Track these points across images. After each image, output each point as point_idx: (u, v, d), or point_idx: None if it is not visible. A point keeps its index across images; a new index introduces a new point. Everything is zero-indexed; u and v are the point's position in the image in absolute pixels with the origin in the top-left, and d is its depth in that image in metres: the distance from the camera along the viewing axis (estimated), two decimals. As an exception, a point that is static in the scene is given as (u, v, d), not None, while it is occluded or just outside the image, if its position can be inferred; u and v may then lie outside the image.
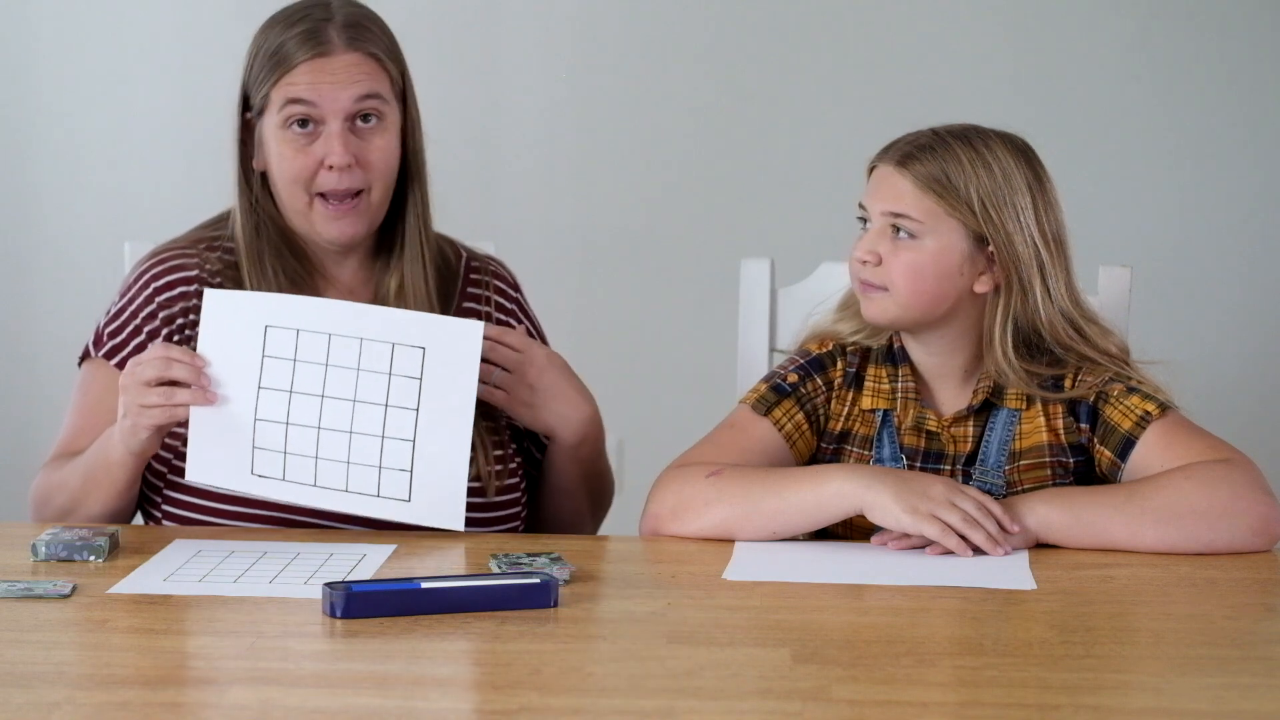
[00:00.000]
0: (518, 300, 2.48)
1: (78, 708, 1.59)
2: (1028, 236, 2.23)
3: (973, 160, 2.23)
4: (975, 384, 2.28)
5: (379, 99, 2.30)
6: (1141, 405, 2.23)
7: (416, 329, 2.18)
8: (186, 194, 3.77)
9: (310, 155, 2.28)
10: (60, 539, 2.06)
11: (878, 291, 2.24)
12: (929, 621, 1.88)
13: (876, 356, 2.32)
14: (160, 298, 2.35)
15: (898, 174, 2.24)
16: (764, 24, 3.81)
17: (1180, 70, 3.79)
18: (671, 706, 1.60)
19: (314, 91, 2.27)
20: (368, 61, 2.30)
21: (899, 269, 2.22)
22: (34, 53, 3.85)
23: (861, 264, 2.24)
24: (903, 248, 2.23)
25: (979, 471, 2.26)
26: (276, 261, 2.33)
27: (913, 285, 2.23)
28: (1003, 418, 2.27)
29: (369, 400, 2.17)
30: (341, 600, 1.83)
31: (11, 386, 3.87)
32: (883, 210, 2.24)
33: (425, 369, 2.17)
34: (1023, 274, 2.23)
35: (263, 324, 2.17)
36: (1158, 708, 1.63)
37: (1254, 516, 2.13)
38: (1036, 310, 2.24)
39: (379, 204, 2.32)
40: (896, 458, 2.28)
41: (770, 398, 2.30)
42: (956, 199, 2.22)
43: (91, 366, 2.36)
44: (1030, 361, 2.25)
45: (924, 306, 2.24)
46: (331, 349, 2.18)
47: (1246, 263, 3.82)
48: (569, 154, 3.85)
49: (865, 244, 2.24)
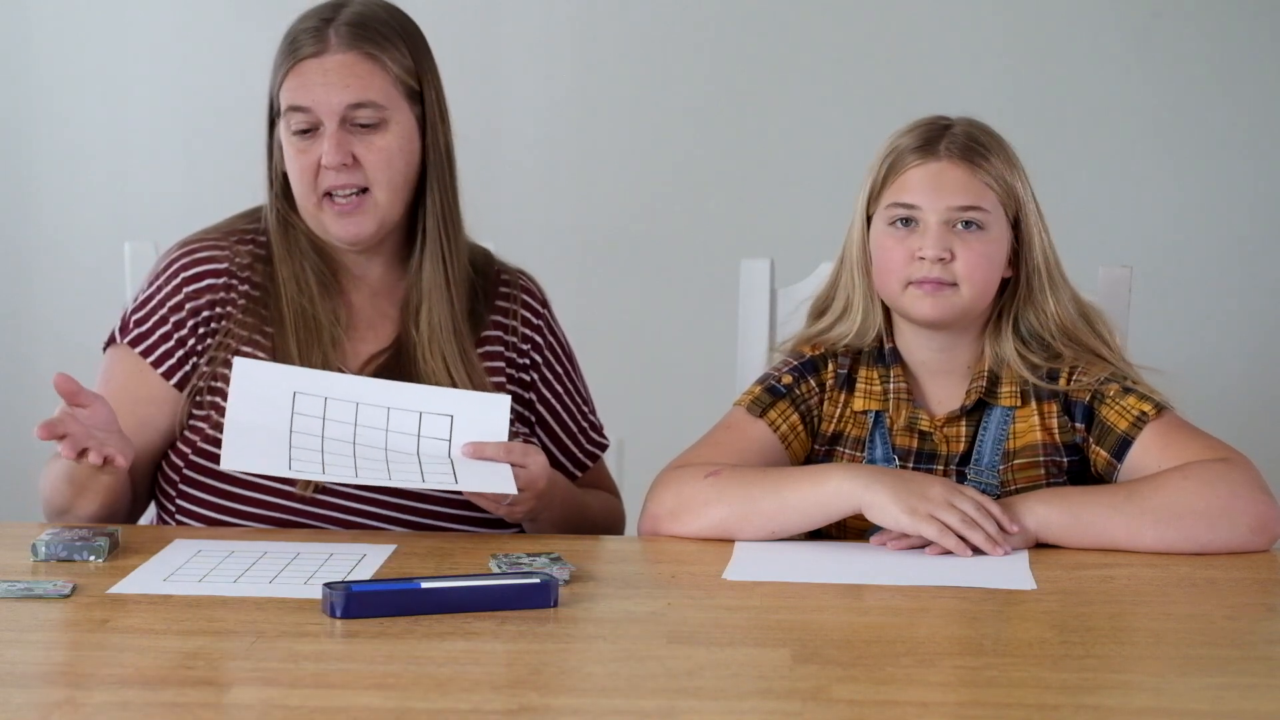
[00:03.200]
0: (545, 317, 2.46)
1: (78, 708, 1.58)
2: (1037, 220, 2.27)
3: (998, 149, 2.25)
4: (969, 383, 2.28)
5: (371, 106, 2.27)
6: (1138, 405, 2.23)
7: (444, 402, 2.21)
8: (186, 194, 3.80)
9: (311, 155, 2.28)
10: (60, 539, 2.06)
11: (947, 289, 2.22)
12: (929, 621, 1.88)
13: (867, 358, 2.31)
14: (188, 289, 2.35)
15: (960, 167, 2.23)
16: (764, 24, 3.82)
17: (1180, 70, 3.80)
18: (671, 706, 1.60)
19: (308, 95, 2.27)
20: (363, 62, 2.28)
21: (975, 262, 2.22)
22: (34, 53, 3.85)
23: (935, 262, 2.21)
24: (973, 240, 2.22)
25: (973, 471, 2.26)
26: (305, 260, 2.34)
27: (984, 277, 2.23)
28: (996, 416, 2.27)
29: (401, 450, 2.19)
30: (341, 600, 1.83)
31: (11, 386, 3.87)
32: (951, 205, 2.22)
33: (454, 434, 2.19)
34: (1037, 261, 2.26)
35: (291, 390, 2.20)
36: (1157, 708, 1.63)
37: (1253, 516, 2.13)
38: (1054, 296, 2.26)
39: (386, 204, 2.30)
40: (889, 459, 2.28)
41: (765, 399, 2.30)
42: (1005, 190, 2.24)
43: (116, 353, 2.36)
44: (1026, 350, 2.26)
45: (985, 297, 2.25)
46: (360, 414, 2.20)
47: (1246, 263, 3.83)
48: (569, 154, 3.85)
49: (936, 240, 2.21)
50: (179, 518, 2.31)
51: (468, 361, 2.33)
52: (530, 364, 2.42)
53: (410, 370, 2.31)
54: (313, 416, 2.20)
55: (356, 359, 2.34)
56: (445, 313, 2.33)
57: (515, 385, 2.40)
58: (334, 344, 2.32)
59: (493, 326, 2.40)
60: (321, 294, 2.33)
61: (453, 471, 2.17)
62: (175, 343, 2.32)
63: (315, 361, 2.29)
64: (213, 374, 2.31)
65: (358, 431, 2.20)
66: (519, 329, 2.42)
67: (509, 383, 2.39)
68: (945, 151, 2.23)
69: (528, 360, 2.42)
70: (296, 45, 2.29)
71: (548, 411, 2.43)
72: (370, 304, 2.37)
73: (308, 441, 2.17)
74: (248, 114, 2.53)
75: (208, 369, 2.31)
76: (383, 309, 2.37)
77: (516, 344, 2.41)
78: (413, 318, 2.33)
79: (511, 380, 2.40)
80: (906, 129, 2.28)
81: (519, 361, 2.41)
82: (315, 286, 2.33)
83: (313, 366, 2.28)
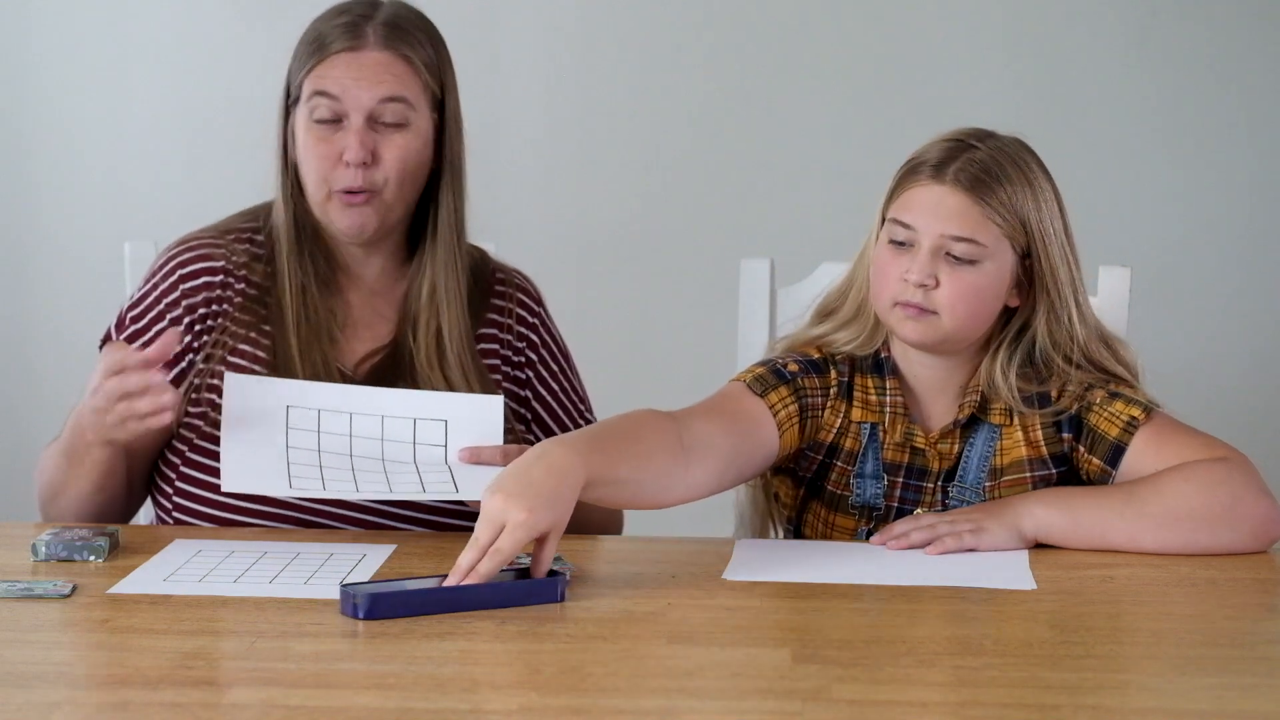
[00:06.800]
0: (541, 315, 2.46)
1: (78, 708, 1.58)
2: (1064, 251, 2.21)
3: (1020, 179, 2.18)
4: (962, 398, 2.25)
5: (403, 103, 2.28)
6: (1126, 411, 2.21)
7: (437, 406, 2.21)
8: (186, 194, 3.80)
9: (331, 145, 2.28)
10: (60, 539, 2.06)
11: (929, 315, 2.18)
12: (929, 621, 1.88)
13: (863, 365, 2.27)
14: (184, 285, 2.35)
15: (962, 197, 2.17)
16: (764, 24, 3.82)
17: (1180, 70, 3.80)
18: (671, 706, 1.60)
19: (339, 86, 2.27)
20: (399, 63, 2.29)
21: (957, 293, 2.16)
22: (34, 53, 3.85)
23: (918, 287, 2.17)
24: (961, 271, 2.16)
25: (956, 490, 2.24)
26: (309, 256, 2.34)
27: (969, 309, 2.17)
28: (984, 433, 2.24)
29: (398, 459, 2.19)
30: (365, 601, 1.83)
31: (11, 386, 3.87)
32: (944, 234, 2.16)
33: (449, 439, 2.19)
34: (1062, 290, 2.21)
35: (284, 404, 2.20)
36: (1157, 708, 1.63)
37: (1254, 520, 2.12)
38: (1072, 326, 2.21)
39: (392, 202, 2.31)
40: (878, 475, 2.26)
41: (769, 379, 2.24)
42: (1015, 222, 2.18)
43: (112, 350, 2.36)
44: (1021, 379, 2.23)
45: (973, 328, 2.20)
46: (354, 424, 2.21)
47: (1246, 263, 3.83)
48: (569, 154, 3.85)
49: (922, 267, 2.16)
50: (176, 515, 2.31)
51: (476, 365, 2.34)
52: (525, 362, 2.42)
53: (405, 374, 2.32)
54: (307, 430, 2.20)
55: (352, 357, 2.34)
56: (453, 320, 2.33)
57: (511, 384, 2.40)
58: (332, 342, 2.32)
59: (488, 325, 2.41)
60: (322, 292, 2.34)
61: (452, 479, 2.17)
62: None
63: (315, 358, 2.29)
64: (209, 371, 2.31)
65: (354, 443, 2.20)
66: (514, 327, 2.42)
67: (504, 380, 2.39)
68: (952, 178, 2.16)
69: (523, 359, 2.42)
70: (328, 39, 2.29)
71: (543, 410, 2.43)
72: (367, 304, 2.38)
73: (305, 457, 2.18)
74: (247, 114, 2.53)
75: (204, 366, 2.31)
76: (379, 309, 2.38)
77: (512, 342, 2.42)
78: (411, 325, 2.33)
79: (507, 378, 2.40)
80: (938, 139, 2.21)
81: (514, 360, 2.41)
82: (316, 284, 2.34)
83: (313, 363, 2.28)
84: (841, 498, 2.26)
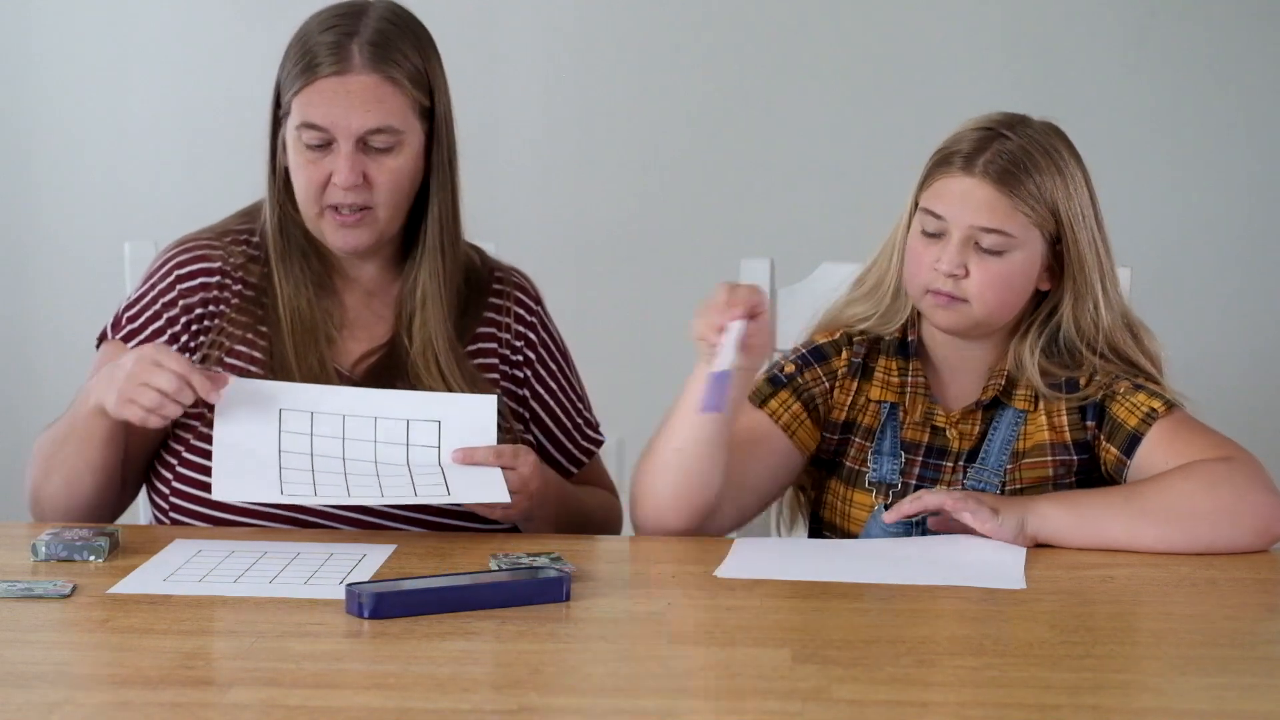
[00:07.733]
0: (539, 314, 2.46)
1: (78, 708, 1.58)
2: (1093, 238, 2.24)
3: (1050, 167, 2.21)
4: (987, 380, 2.28)
5: (389, 132, 2.26)
6: (1148, 402, 2.23)
7: (430, 406, 2.21)
8: (186, 194, 3.79)
9: (321, 168, 2.28)
10: (60, 539, 2.06)
11: (959, 303, 2.21)
12: (929, 621, 1.88)
13: (887, 348, 2.31)
14: (182, 286, 2.35)
15: (992, 189, 2.20)
16: (764, 24, 3.82)
17: (1179, 70, 3.80)
18: (671, 706, 1.60)
19: (327, 116, 2.25)
20: (385, 85, 2.27)
21: (987, 283, 2.20)
22: (34, 53, 3.85)
23: (948, 277, 2.20)
24: (990, 261, 2.20)
25: (975, 471, 2.26)
26: (302, 259, 2.34)
27: (999, 296, 2.21)
28: (1008, 417, 2.27)
29: (390, 461, 2.20)
30: (371, 600, 1.83)
31: (11, 386, 3.87)
32: (974, 224, 2.20)
33: (442, 440, 2.19)
34: (1089, 277, 2.24)
35: (277, 408, 2.21)
36: (1158, 708, 1.63)
37: (1256, 517, 2.13)
38: (1096, 312, 2.24)
39: (387, 220, 2.31)
40: (895, 452, 2.28)
41: (765, 390, 2.30)
42: (1045, 211, 2.21)
43: (109, 349, 2.37)
44: (1047, 361, 2.25)
45: (1003, 314, 2.24)
46: (347, 427, 2.21)
47: (1246, 263, 3.83)
48: (568, 154, 3.85)
49: (952, 257, 2.20)
50: (173, 514, 2.31)
51: (462, 369, 2.34)
52: (524, 361, 2.42)
53: (403, 373, 2.32)
54: (300, 434, 2.20)
55: (349, 358, 2.34)
56: (439, 321, 2.33)
57: (509, 383, 2.40)
58: (329, 343, 2.32)
59: (486, 324, 2.41)
60: (318, 293, 2.34)
61: (444, 481, 2.17)
62: (168, 339, 2.33)
63: (311, 360, 2.29)
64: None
65: (346, 445, 2.20)
66: (512, 326, 2.42)
67: (503, 379, 2.39)
68: (982, 169, 2.19)
69: (521, 357, 2.42)
70: (315, 59, 2.27)
71: (542, 409, 2.43)
72: (364, 304, 2.38)
73: (297, 461, 2.18)
74: (247, 114, 2.53)
75: (201, 367, 2.31)
76: (376, 309, 2.38)
77: (510, 341, 2.41)
78: (405, 326, 2.34)
79: (505, 377, 2.40)
80: (970, 126, 2.24)
81: (512, 359, 2.41)
82: (311, 286, 2.33)
83: (309, 365, 2.28)
84: (859, 474, 2.29)
